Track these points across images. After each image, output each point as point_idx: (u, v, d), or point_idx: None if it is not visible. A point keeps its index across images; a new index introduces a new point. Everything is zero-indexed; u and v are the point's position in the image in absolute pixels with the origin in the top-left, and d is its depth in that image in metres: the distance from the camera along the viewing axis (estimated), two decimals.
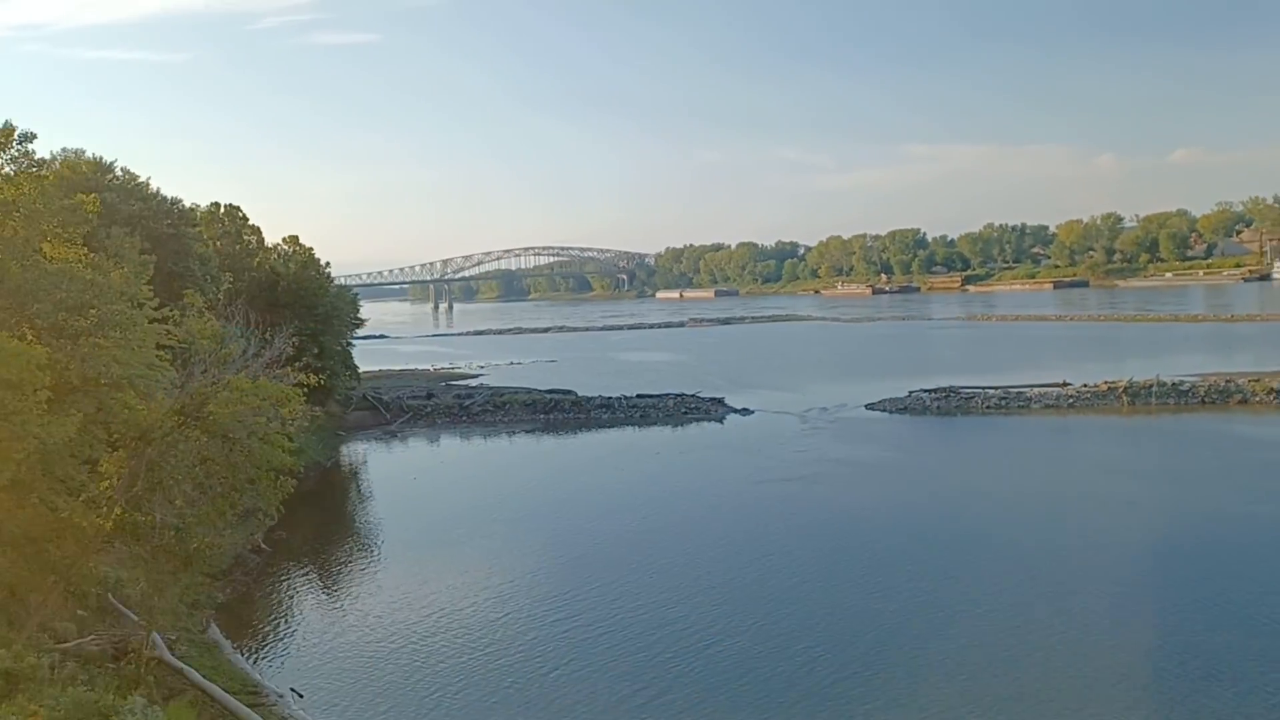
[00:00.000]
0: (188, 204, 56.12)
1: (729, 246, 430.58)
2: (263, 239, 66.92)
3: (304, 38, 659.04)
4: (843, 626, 26.04)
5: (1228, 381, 62.23)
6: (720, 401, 68.79)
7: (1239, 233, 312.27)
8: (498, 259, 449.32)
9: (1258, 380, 61.97)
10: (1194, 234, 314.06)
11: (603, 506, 41.80)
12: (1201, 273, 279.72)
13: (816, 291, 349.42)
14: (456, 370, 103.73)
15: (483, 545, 36.47)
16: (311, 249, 67.55)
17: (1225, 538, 32.54)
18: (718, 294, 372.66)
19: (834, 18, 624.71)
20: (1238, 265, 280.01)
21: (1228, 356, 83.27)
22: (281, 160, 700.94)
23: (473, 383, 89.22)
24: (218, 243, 61.71)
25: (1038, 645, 24.07)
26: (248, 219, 65.87)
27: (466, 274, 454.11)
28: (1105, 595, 27.33)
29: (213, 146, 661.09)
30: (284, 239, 68.17)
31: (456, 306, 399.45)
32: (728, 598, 28.73)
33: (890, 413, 62.76)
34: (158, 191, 50.90)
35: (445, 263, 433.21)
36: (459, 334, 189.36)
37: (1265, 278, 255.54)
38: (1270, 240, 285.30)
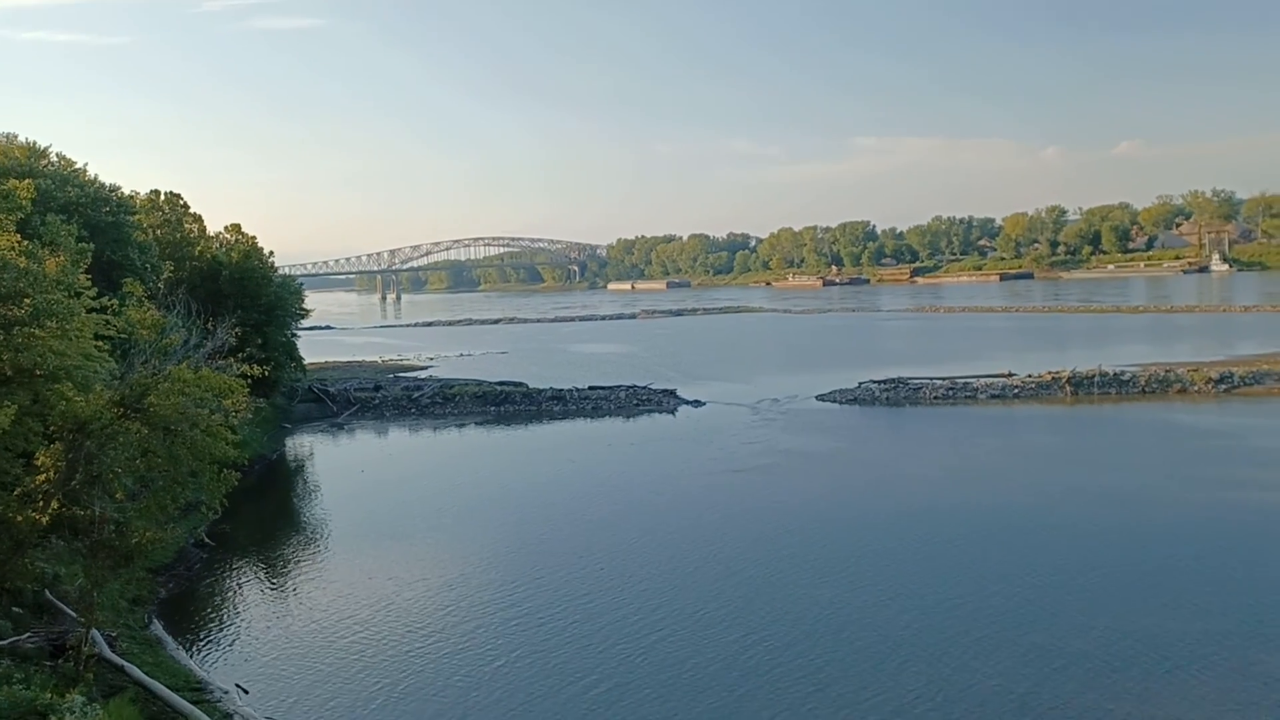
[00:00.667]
0: (127, 191, 54.75)
1: (681, 238, 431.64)
2: (204, 227, 65.54)
3: (246, 22, 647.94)
4: (789, 613, 26.17)
5: (1167, 371, 63.71)
6: (672, 393, 68.88)
7: (1178, 225, 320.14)
8: (447, 249, 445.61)
9: (1196, 370, 63.53)
10: (1135, 227, 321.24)
11: (553, 498, 41.61)
12: (1142, 265, 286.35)
13: (768, 283, 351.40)
14: (405, 362, 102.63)
15: (431, 538, 36.13)
16: (255, 238, 66.25)
17: (1163, 523, 33.30)
18: (670, 286, 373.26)
19: (782, 9, 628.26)
20: (1177, 257, 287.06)
21: (1167, 347, 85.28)
22: (226, 148, 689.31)
23: (422, 374, 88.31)
24: (158, 231, 60.29)
25: (975, 629, 24.39)
26: (189, 207, 64.46)
27: (415, 264, 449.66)
28: (1045, 580, 27.80)
29: (155, 133, 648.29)
30: (226, 228, 66.79)
31: (405, 297, 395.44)
32: (676, 588, 28.77)
33: (840, 403, 63.31)
34: (95, 178, 49.54)
35: (393, 253, 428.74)
36: (407, 325, 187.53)
37: (1204, 270, 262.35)
38: (1209, 233, 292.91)
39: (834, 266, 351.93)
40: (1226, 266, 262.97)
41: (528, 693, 22.13)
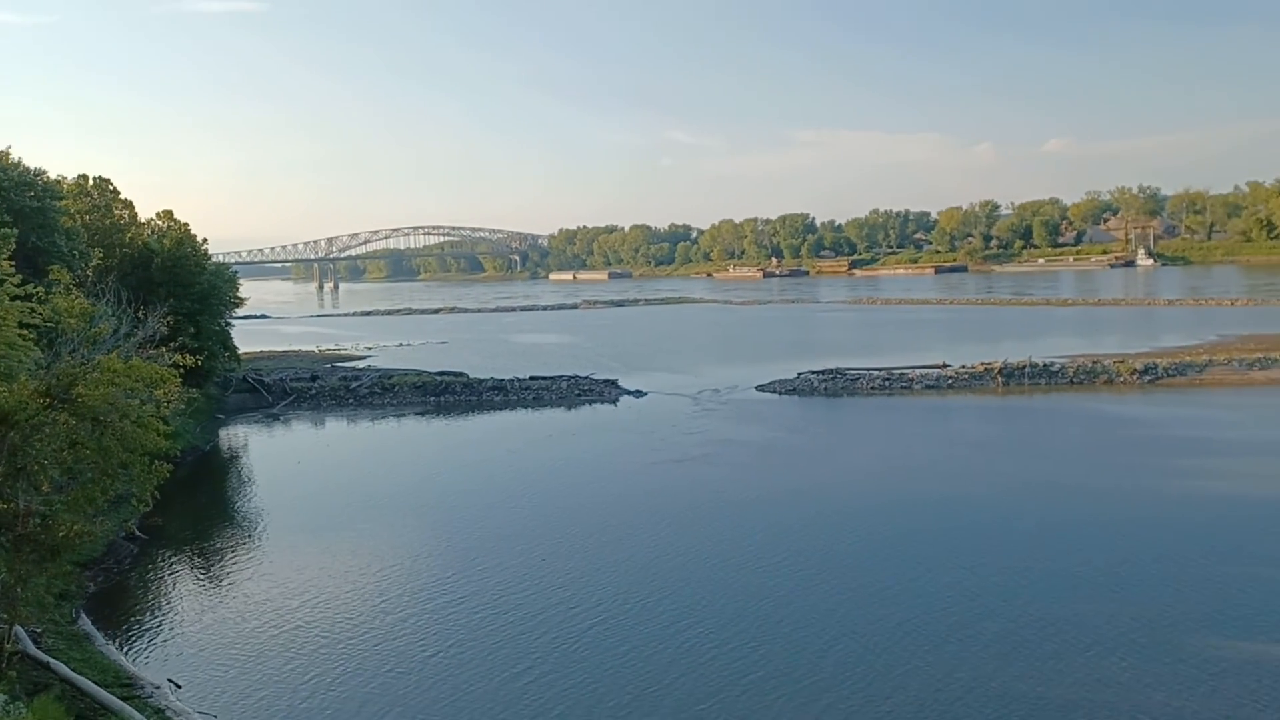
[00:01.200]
0: (54, 176, 53.13)
1: (623, 229, 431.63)
2: (135, 213, 63.87)
3: (182, 3, 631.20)
4: (723, 601, 26.49)
5: (1094, 363, 65.50)
6: (614, 383, 68.98)
7: (1106, 221, 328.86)
8: (386, 238, 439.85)
9: (1122, 361, 65.43)
10: (1065, 222, 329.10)
11: (493, 490, 41.50)
12: (1071, 259, 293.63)
13: (709, 274, 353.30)
14: (342, 351, 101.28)
15: (368, 530, 35.80)
16: (187, 225, 64.74)
17: (1087, 511, 34.27)
18: (611, 276, 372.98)
19: (721, 3, 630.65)
20: (1105, 252, 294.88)
21: (1095, 339, 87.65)
22: (162, 132, 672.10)
23: (360, 364, 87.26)
24: (86, 217, 58.67)
25: (909, 616, 24.95)
26: (119, 192, 62.79)
27: (353, 253, 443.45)
28: (974, 567, 28.51)
29: (90, 115, 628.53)
30: (158, 214, 65.16)
31: (343, 286, 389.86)
32: (612, 577, 28.95)
33: (780, 394, 64.00)
34: (19, 162, 48.02)
35: (331, 241, 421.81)
36: (345, 314, 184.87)
37: (1130, 264, 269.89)
38: (1135, 229, 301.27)
39: (774, 258, 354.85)
40: (1151, 261, 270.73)
41: (459, 682, 22.15)
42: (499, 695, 21.49)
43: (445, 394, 68.20)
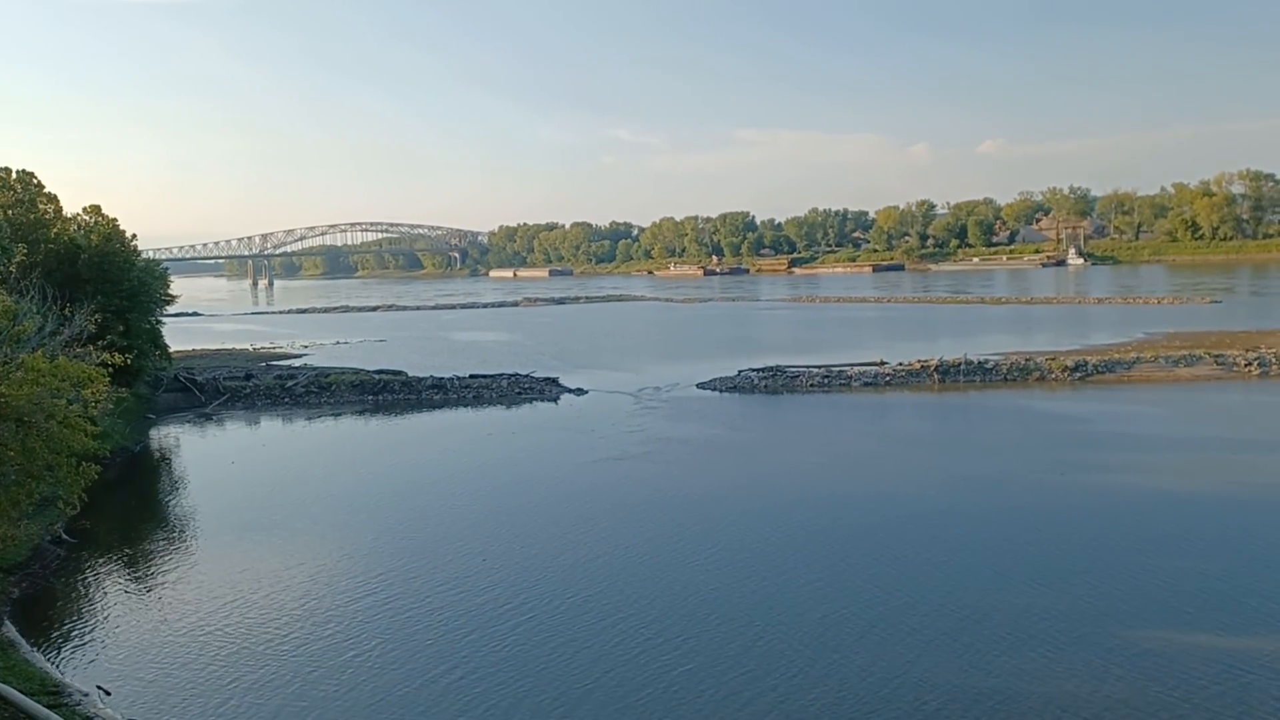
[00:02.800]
0: None
1: (563, 226, 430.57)
2: (60, 208, 61.92)
3: None
4: (660, 597, 26.58)
5: (1027, 360, 66.98)
6: (555, 381, 68.76)
7: (1038, 221, 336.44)
8: (322, 234, 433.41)
9: (1054, 359, 67.02)
10: (999, 221, 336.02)
11: (430, 490, 41.12)
12: (1005, 258, 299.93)
13: (650, 272, 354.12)
14: (278, 350, 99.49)
15: (302, 532, 35.21)
16: (115, 220, 62.99)
17: (1020, 505, 35.06)
18: (552, 274, 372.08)
19: (663, 5, 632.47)
20: (1037, 251, 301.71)
21: (1028, 337, 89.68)
22: (88, 125, 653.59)
23: (296, 363, 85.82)
24: (9, 211, 56.72)
25: (846, 611, 25.29)
26: (43, 186, 60.83)
27: (288, 249, 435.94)
28: (912, 562, 28.97)
29: (10, 106, 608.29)
30: (85, 208, 63.29)
31: (278, 283, 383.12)
32: (551, 577, 28.84)
33: (721, 391, 64.37)
34: None
35: (265, 237, 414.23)
36: (280, 312, 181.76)
37: (1061, 263, 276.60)
38: (1066, 229, 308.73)
39: (715, 256, 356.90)
40: (1082, 261, 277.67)
41: (388, 682, 21.93)
42: (426, 694, 21.33)
43: (384, 393, 67.36)
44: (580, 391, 66.15)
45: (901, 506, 35.22)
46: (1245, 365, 63.13)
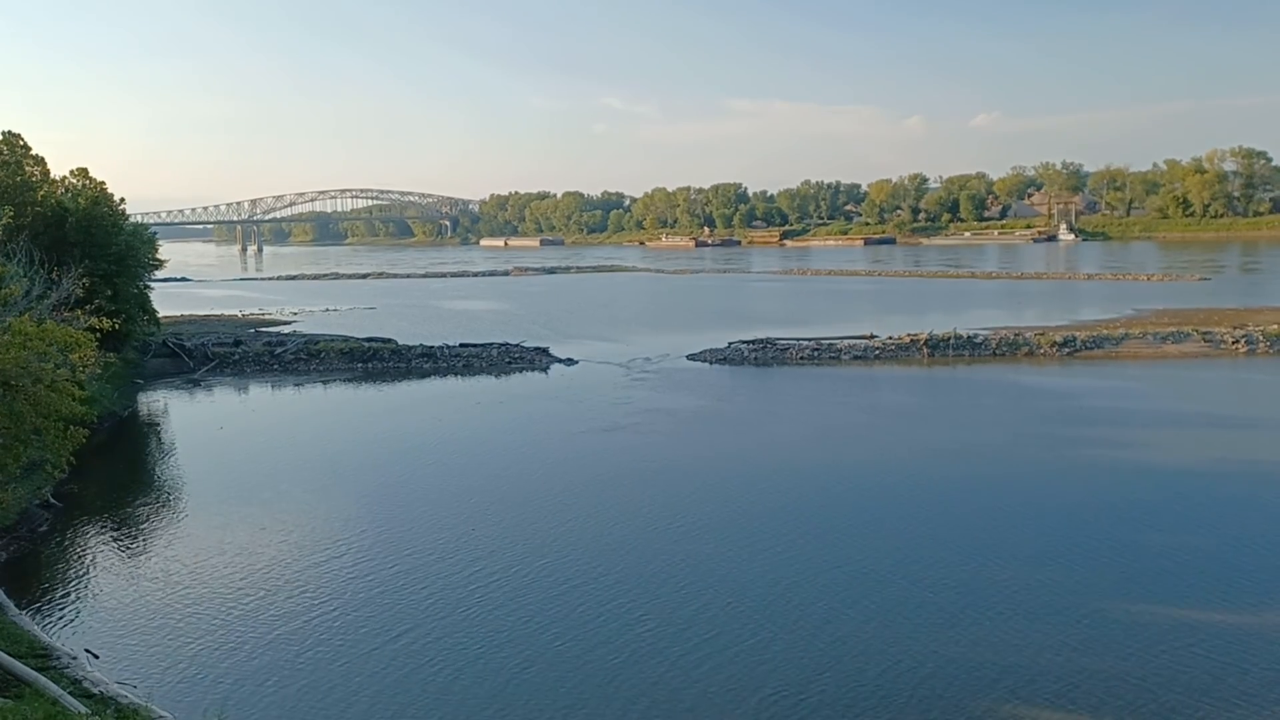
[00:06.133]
0: None
1: (555, 195, 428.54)
2: (48, 171, 61.30)
3: None
4: (648, 569, 26.74)
5: (1016, 335, 67.18)
6: (545, 351, 68.73)
7: (1030, 196, 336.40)
8: (312, 200, 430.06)
9: (1042, 334, 67.23)
10: (991, 196, 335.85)
11: (419, 457, 41.17)
12: (997, 233, 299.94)
13: (641, 243, 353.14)
14: (267, 316, 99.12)
15: (291, 498, 35.26)
16: (104, 183, 62.44)
17: (1006, 479, 35.38)
18: (543, 243, 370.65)
19: None
20: (1029, 226, 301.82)
21: (1017, 312, 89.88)
22: (70, 87, 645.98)
23: (285, 329, 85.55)
24: None
25: (835, 583, 25.50)
26: (30, 148, 60.16)
27: (278, 215, 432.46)
28: (900, 535, 29.20)
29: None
30: (72, 171, 62.71)
31: (267, 249, 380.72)
32: (536, 548, 28.96)
33: (711, 363, 64.44)
34: None
35: (254, 203, 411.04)
36: (270, 278, 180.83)
37: (1052, 239, 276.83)
38: (1058, 204, 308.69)
39: (706, 228, 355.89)
40: (1073, 236, 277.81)
41: (375, 650, 22.03)
42: (413, 662, 21.45)
43: (373, 360, 67.24)
44: (570, 361, 66.14)
45: (890, 481, 35.44)
46: (1233, 343, 63.46)
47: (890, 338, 67.69)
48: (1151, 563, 26.29)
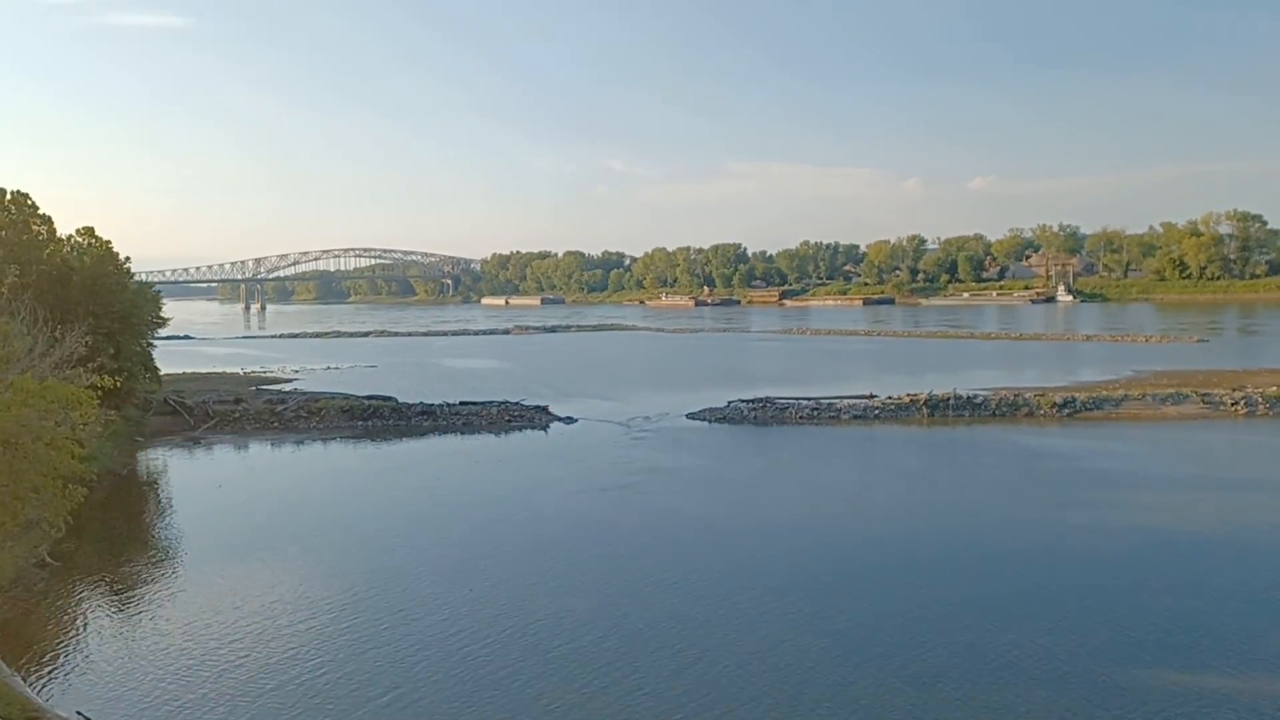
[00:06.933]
0: None
1: (556, 255, 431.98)
2: (54, 229, 61.95)
3: (107, 16, 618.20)
4: (642, 625, 26.51)
5: (1016, 395, 67.22)
6: (545, 409, 68.75)
7: (1028, 257, 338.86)
8: (315, 259, 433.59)
9: (1042, 395, 67.28)
10: (989, 257, 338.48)
11: (418, 517, 40.99)
12: (995, 293, 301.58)
13: (642, 302, 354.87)
14: (268, 374, 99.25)
15: (289, 558, 35.04)
16: (109, 242, 63.06)
17: (1006, 542, 35.14)
18: (544, 302, 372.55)
19: (659, 36, 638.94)
20: (1026, 287, 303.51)
21: (1017, 372, 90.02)
22: (95, 145, 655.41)
23: (286, 387, 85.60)
24: (2, 233, 56.79)
25: (821, 644, 25.25)
26: (37, 207, 60.83)
27: (282, 274, 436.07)
28: (901, 596, 28.99)
29: (19, 127, 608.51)
30: (78, 230, 63.35)
31: (270, 308, 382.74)
32: (541, 609, 28.73)
33: (710, 422, 64.43)
34: None
35: (259, 261, 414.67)
36: (272, 336, 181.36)
37: (1050, 300, 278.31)
38: (1055, 265, 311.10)
39: (706, 287, 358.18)
40: (1071, 297, 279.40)
41: (372, 715, 21.76)
42: None
43: (373, 418, 67.23)
44: (570, 420, 66.14)
45: (890, 543, 35.26)
46: (1232, 405, 63.50)
47: (890, 398, 67.74)
48: (1158, 624, 26.05)
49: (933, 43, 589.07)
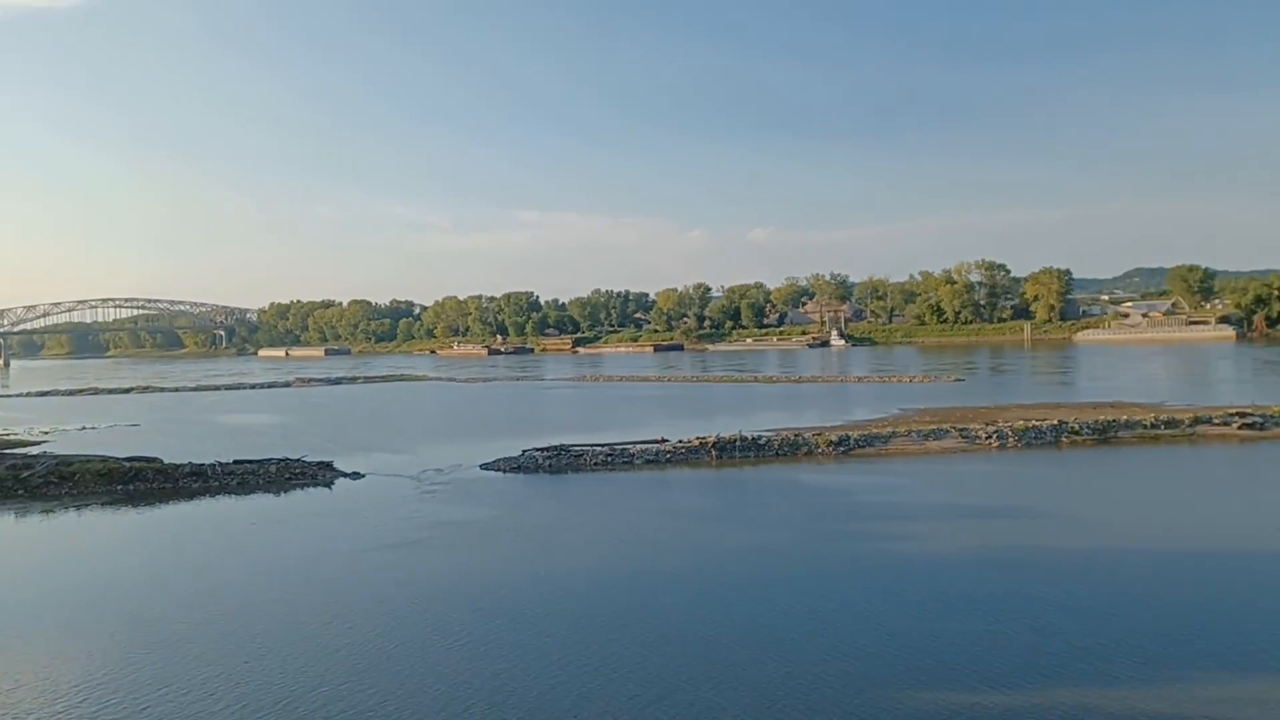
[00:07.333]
0: None
1: (341, 304, 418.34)
2: None
3: None
4: (423, 681, 25.51)
5: (796, 435, 70.28)
6: (328, 465, 65.70)
7: (804, 304, 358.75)
8: (69, 310, 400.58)
9: (820, 434, 70.67)
10: (769, 304, 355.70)
11: (179, 586, 37.83)
12: (775, 339, 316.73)
13: (433, 351, 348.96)
14: (11, 437, 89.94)
15: (34, 645, 31.43)
16: None
17: (789, 574, 36.30)
18: (328, 353, 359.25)
19: (442, 81, 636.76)
20: (804, 333, 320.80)
21: (797, 413, 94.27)
22: None
23: (33, 450, 77.77)
24: None
25: (624, 686, 25.14)
26: None
27: (28, 327, 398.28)
28: (692, 638, 29.29)
29: None
30: None
31: (15, 363, 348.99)
32: (313, 679, 27.07)
33: (504, 472, 63.55)
34: None
35: (2, 314, 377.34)
36: (17, 395, 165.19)
37: (825, 344, 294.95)
38: (828, 312, 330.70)
39: (499, 336, 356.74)
40: (843, 342, 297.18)
41: None
42: None
43: (135, 481, 61.97)
44: (356, 475, 63.50)
45: (679, 582, 35.62)
46: (986, 439, 68.89)
47: (681, 441, 69.18)
48: (927, 646, 27.48)
49: (699, 103, 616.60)
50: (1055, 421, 72.03)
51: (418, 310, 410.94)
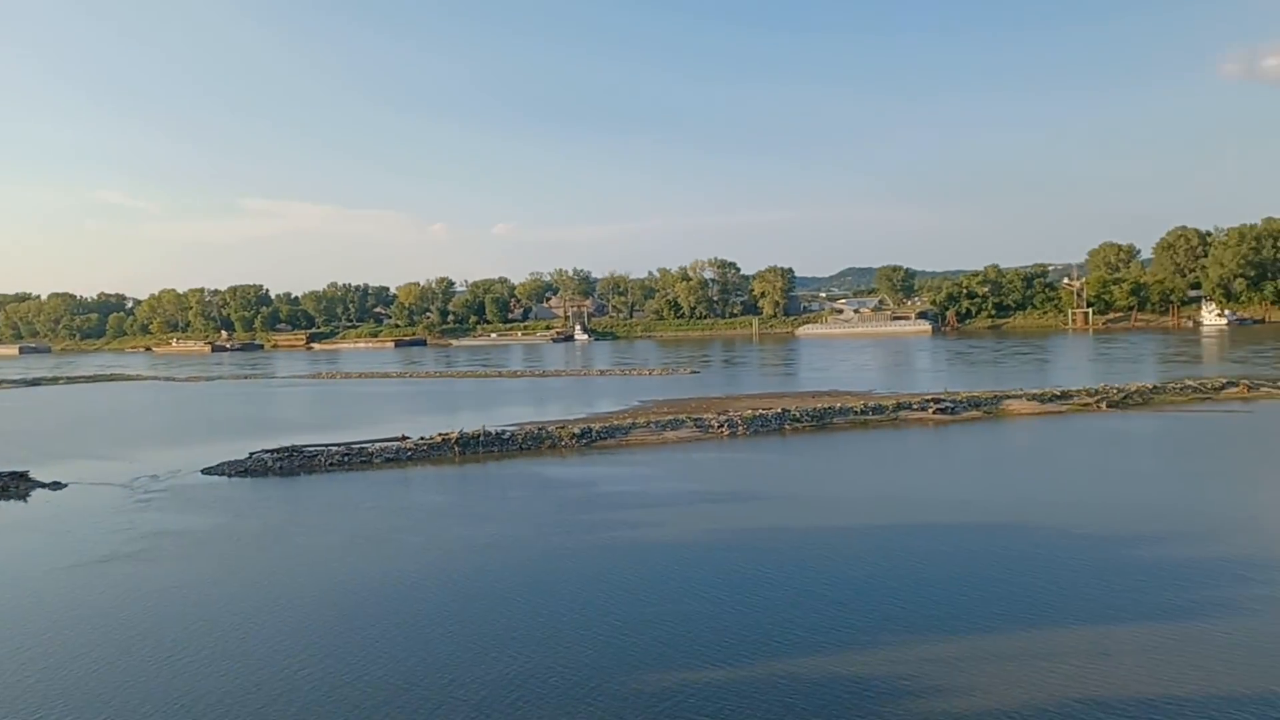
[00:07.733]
0: None
1: (39, 297, 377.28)
2: None
3: None
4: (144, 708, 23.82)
5: (540, 429, 70.90)
6: (23, 475, 59.20)
7: (548, 299, 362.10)
8: None
9: (563, 427, 71.69)
10: (514, 299, 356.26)
11: None
12: (520, 333, 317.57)
13: (148, 348, 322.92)
14: None
15: None
16: None
17: (527, 566, 36.68)
18: (24, 351, 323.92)
19: (155, 56, 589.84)
20: (548, 327, 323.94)
21: (541, 407, 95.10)
22: None
23: None
24: None
25: (376, 689, 24.55)
26: None
27: None
28: (426, 635, 28.96)
29: None
30: None
31: None
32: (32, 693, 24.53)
33: (230, 476, 59.85)
34: None
35: None
36: None
37: (569, 338, 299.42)
38: (572, 307, 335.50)
39: (224, 331, 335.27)
40: (587, 336, 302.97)
41: None
42: None
43: None
44: (57, 485, 57.62)
45: (406, 582, 35.07)
46: (718, 427, 72.51)
47: (423, 438, 67.94)
48: (665, 631, 28.64)
49: (441, 89, 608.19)
50: (779, 410, 76.98)
51: (130, 304, 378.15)
